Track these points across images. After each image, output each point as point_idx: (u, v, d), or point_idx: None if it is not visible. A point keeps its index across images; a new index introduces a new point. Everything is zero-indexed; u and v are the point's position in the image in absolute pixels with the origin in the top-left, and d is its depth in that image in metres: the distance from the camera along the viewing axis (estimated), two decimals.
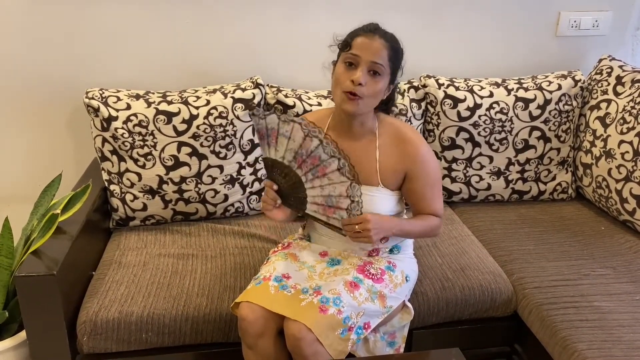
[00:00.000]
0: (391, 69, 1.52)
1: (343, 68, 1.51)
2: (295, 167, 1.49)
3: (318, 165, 1.48)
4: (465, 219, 2.15)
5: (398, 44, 1.55)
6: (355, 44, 1.50)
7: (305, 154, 1.47)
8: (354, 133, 1.61)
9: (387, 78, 1.53)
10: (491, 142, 2.16)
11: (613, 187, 2.04)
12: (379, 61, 1.49)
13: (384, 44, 1.50)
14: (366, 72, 1.49)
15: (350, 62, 1.50)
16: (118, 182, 1.99)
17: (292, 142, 1.46)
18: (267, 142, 1.48)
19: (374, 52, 1.48)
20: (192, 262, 1.84)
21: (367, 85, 1.49)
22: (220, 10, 2.16)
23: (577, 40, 2.43)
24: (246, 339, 1.52)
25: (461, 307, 1.75)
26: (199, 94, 2.03)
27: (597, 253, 1.91)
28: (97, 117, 1.94)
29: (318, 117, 1.70)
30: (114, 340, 1.61)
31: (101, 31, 2.11)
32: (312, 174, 1.49)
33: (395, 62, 1.53)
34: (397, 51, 1.53)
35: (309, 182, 1.51)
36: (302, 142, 1.46)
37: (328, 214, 1.53)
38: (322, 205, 1.52)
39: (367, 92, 1.49)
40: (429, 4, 2.27)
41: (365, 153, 1.60)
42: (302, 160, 1.48)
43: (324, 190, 1.51)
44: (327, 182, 1.49)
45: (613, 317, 1.60)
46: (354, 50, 1.50)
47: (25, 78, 2.12)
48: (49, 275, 1.51)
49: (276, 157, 1.49)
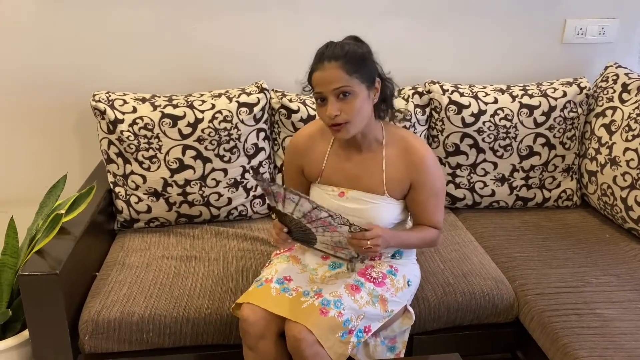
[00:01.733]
0: (359, 79, 1.47)
1: (318, 106, 1.53)
2: (305, 222, 1.49)
3: (328, 226, 1.49)
4: (468, 225, 2.15)
5: (354, 50, 1.48)
6: (314, 82, 1.50)
7: (315, 217, 1.47)
8: (360, 144, 1.61)
9: (360, 89, 1.48)
10: (495, 148, 2.16)
11: (618, 194, 2.03)
12: (339, 85, 1.45)
13: (334, 65, 1.45)
14: (335, 100, 1.47)
15: (319, 98, 1.51)
16: (123, 184, 2.01)
17: (300, 207, 1.46)
18: (274, 199, 1.48)
19: (330, 80, 1.46)
20: (195, 264, 1.86)
21: (343, 110, 1.48)
22: (226, 16, 2.18)
23: (583, 47, 2.42)
24: (247, 340, 1.52)
25: (462, 313, 1.74)
26: (204, 98, 2.05)
27: (601, 260, 1.89)
28: (103, 120, 1.97)
29: (323, 126, 1.69)
30: (116, 340, 1.62)
31: (109, 35, 2.14)
32: (322, 229, 1.51)
33: (359, 71, 1.47)
34: (354, 61, 1.47)
35: (319, 233, 1.52)
36: (310, 210, 1.45)
37: (335, 250, 1.58)
38: (332, 245, 1.56)
39: (347, 117, 1.48)
40: (436, 9, 2.28)
41: (372, 163, 1.61)
42: (312, 220, 1.48)
43: (333, 238, 1.53)
44: (337, 235, 1.51)
45: (615, 324, 1.58)
46: (315, 88, 1.50)
47: (33, 81, 2.16)
48: (52, 274, 1.52)
49: (285, 212, 1.49)
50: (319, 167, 1.66)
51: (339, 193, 1.63)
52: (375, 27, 1.60)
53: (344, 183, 1.63)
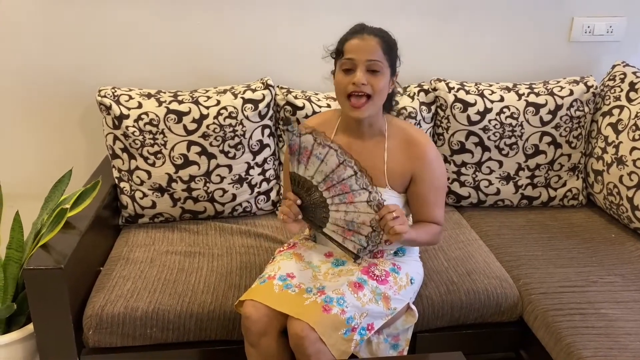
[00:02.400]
0: (389, 62, 1.52)
1: (342, 75, 1.52)
2: (323, 189, 1.48)
3: (347, 192, 1.47)
4: (473, 224, 2.14)
5: (389, 35, 1.55)
6: (348, 49, 1.50)
7: (337, 180, 1.46)
8: (363, 134, 1.61)
9: (387, 72, 1.53)
10: (501, 146, 2.15)
11: (624, 194, 2.02)
12: (375, 58, 1.49)
13: (376, 39, 1.50)
14: (365, 72, 1.49)
15: (347, 67, 1.51)
16: (128, 179, 2.02)
17: (324, 165, 1.45)
18: (297, 159, 1.47)
19: (368, 50, 1.48)
20: (199, 260, 1.86)
21: (369, 83, 1.49)
22: (232, 12, 2.18)
23: (591, 46, 2.41)
24: (249, 336, 1.53)
25: (466, 311, 1.74)
26: (210, 94, 2.05)
27: (606, 260, 1.88)
28: (108, 115, 1.97)
29: (325, 118, 1.71)
30: (119, 335, 1.63)
31: (114, 31, 2.15)
32: (339, 199, 1.49)
33: (390, 54, 1.52)
34: (389, 44, 1.53)
35: (334, 205, 1.50)
36: (335, 168, 1.45)
37: (346, 236, 1.54)
38: (342, 227, 1.53)
39: (371, 91, 1.50)
40: (443, 7, 2.27)
41: (374, 154, 1.61)
42: (332, 185, 1.47)
43: (347, 215, 1.51)
44: (352, 209, 1.49)
45: (620, 324, 1.58)
46: (347, 54, 1.50)
47: (39, 76, 2.16)
48: (57, 269, 1.53)
49: (305, 175, 1.48)
50: None
51: None
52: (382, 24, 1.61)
53: None
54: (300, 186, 1.50)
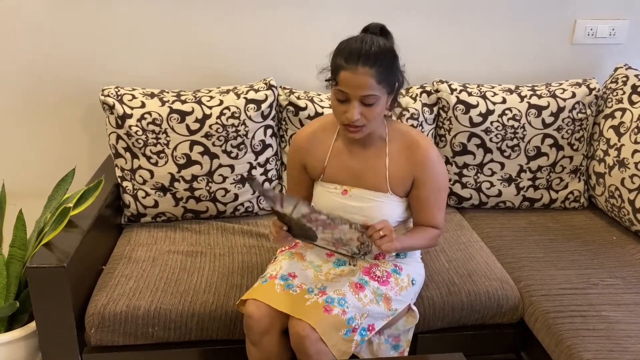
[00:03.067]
0: (386, 87, 1.47)
1: (336, 102, 1.49)
2: (305, 222, 1.49)
3: (329, 224, 1.48)
4: (474, 225, 2.15)
5: (385, 55, 1.45)
6: (341, 80, 1.44)
7: (314, 219, 1.47)
8: (363, 140, 1.60)
9: (383, 98, 1.48)
10: (503, 148, 2.15)
11: (626, 197, 2.02)
12: (369, 93, 1.44)
13: (368, 72, 1.41)
14: (358, 105, 1.45)
15: (341, 99, 1.47)
16: (131, 178, 2.03)
17: (298, 208, 1.45)
18: (272, 202, 1.49)
19: (361, 86, 1.42)
20: (201, 259, 1.86)
21: (364, 115, 1.47)
22: (235, 12, 2.19)
23: (593, 48, 2.41)
24: (251, 335, 1.53)
25: (467, 313, 1.74)
26: (213, 94, 2.06)
27: (608, 263, 1.89)
28: (112, 115, 1.98)
29: (325, 123, 1.69)
30: (121, 334, 1.63)
31: (118, 31, 2.15)
32: (322, 227, 1.50)
33: (387, 79, 1.46)
34: (385, 67, 1.44)
35: (319, 231, 1.52)
36: (309, 212, 1.46)
37: (337, 247, 1.58)
38: (333, 242, 1.56)
39: (365, 121, 1.48)
40: (446, 8, 2.28)
41: (375, 160, 1.61)
42: (312, 220, 1.48)
43: (334, 235, 1.53)
44: (337, 233, 1.51)
45: (621, 327, 1.58)
46: (340, 87, 1.45)
47: (43, 75, 2.17)
48: (60, 267, 1.54)
49: (284, 212, 1.48)
50: (321, 165, 1.66)
51: (342, 191, 1.62)
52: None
53: (346, 180, 1.62)
54: (283, 218, 1.52)
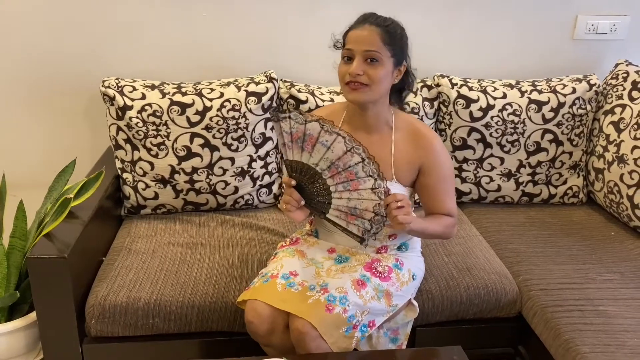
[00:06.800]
0: (391, 51, 1.51)
1: (342, 63, 1.54)
2: (328, 176, 1.48)
3: (352, 180, 1.47)
4: (473, 220, 2.15)
5: (394, 25, 1.54)
6: (348, 39, 1.53)
7: (342, 167, 1.46)
8: (370, 126, 1.61)
9: (388, 62, 1.52)
10: (503, 143, 2.16)
11: (625, 192, 2.03)
12: (372, 48, 1.49)
13: (375, 29, 1.50)
14: (362, 61, 1.50)
15: (347, 56, 1.53)
16: (131, 170, 2.03)
17: (330, 153, 1.45)
18: (300, 146, 1.47)
19: (365, 41, 1.50)
20: (201, 251, 1.87)
21: (366, 73, 1.50)
22: (237, 5, 2.18)
23: (594, 44, 2.41)
24: (259, 340, 1.55)
25: (465, 307, 1.75)
26: (213, 86, 2.05)
27: (606, 258, 1.90)
28: (112, 106, 1.98)
29: (332, 110, 1.70)
30: (121, 325, 1.64)
31: (119, 22, 2.15)
32: (342, 187, 1.49)
33: (393, 44, 1.51)
34: (392, 33, 1.52)
35: (337, 192, 1.51)
36: (341, 155, 1.45)
37: (349, 220, 1.55)
38: (345, 212, 1.54)
39: (368, 80, 1.50)
40: (447, 3, 2.27)
41: (381, 147, 1.60)
42: (337, 172, 1.47)
43: (350, 202, 1.51)
44: (356, 196, 1.50)
45: (618, 321, 1.59)
46: (347, 45, 1.53)
47: (44, 66, 2.17)
48: (60, 258, 1.54)
49: (309, 163, 1.48)
50: None
51: None
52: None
53: None
54: (303, 174, 1.50)
